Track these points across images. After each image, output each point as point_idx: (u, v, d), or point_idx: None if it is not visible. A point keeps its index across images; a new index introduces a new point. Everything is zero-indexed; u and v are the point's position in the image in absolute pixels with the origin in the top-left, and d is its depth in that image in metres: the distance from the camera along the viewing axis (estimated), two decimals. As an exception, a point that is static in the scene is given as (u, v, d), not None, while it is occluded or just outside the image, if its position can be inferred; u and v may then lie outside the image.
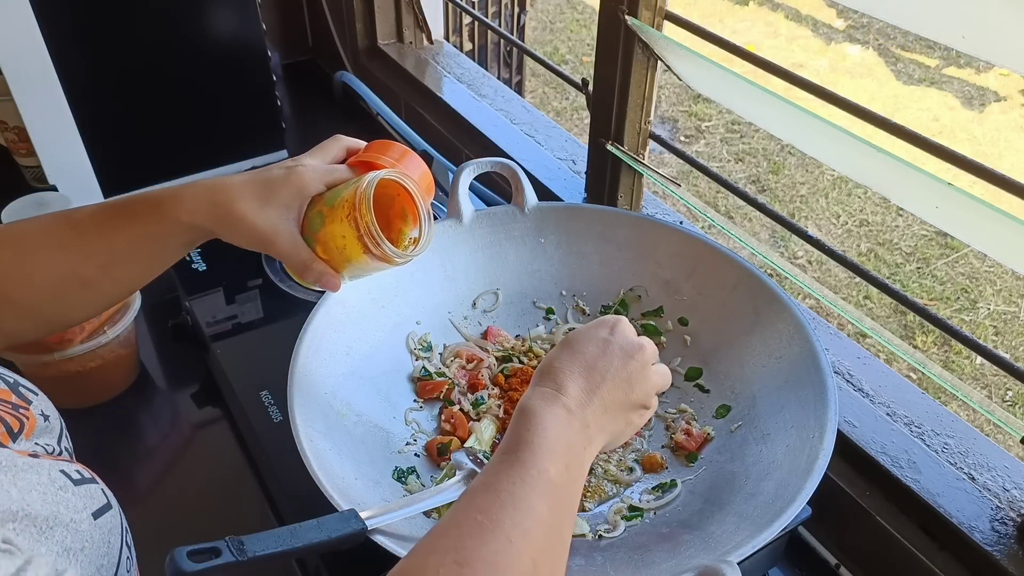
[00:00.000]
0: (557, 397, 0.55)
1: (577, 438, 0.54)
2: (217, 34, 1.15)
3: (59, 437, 0.57)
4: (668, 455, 0.76)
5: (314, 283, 0.64)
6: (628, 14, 0.89)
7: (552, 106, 3.36)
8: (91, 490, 0.51)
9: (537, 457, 0.50)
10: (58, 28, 1.03)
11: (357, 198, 0.60)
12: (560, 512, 0.50)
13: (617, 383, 0.58)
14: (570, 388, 0.56)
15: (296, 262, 0.63)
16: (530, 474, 0.49)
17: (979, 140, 3.07)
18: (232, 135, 1.24)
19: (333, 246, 0.62)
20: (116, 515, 0.53)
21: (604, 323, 0.61)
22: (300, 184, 0.62)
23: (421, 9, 1.40)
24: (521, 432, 0.52)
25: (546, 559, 0.48)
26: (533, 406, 0.54)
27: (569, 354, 0.58)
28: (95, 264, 0.62)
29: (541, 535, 0.48)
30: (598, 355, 0.58)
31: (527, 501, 0.48)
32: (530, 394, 0.56)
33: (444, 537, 0.46)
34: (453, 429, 0.78)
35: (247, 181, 0.62)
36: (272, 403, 0.82)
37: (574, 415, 0.55)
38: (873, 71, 3.49)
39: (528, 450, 0.51)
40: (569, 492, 0.52)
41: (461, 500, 0.49)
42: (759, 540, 0.58)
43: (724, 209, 2.74)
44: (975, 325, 2.34)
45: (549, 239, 0.89)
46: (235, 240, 0.62)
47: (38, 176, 1.16)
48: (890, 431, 0.76)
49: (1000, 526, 0.68)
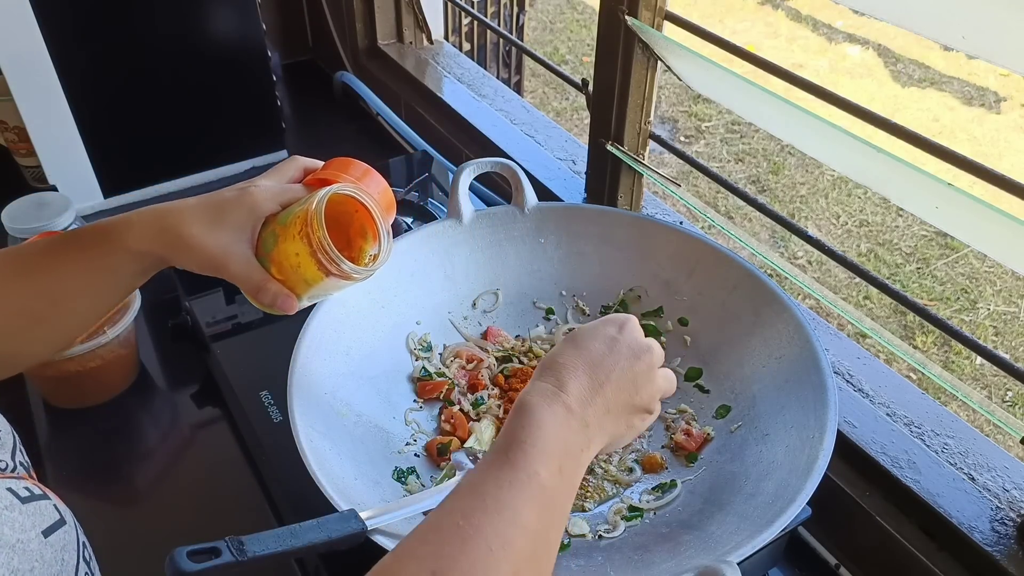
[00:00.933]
0: (557, 394, 0.53)
1: (575, 438, 0.52)
2: (217, 34, 1.15)
3: (12, 451, 0.54)
4: (668, 455, 0.76)
5: (270, 305, 0.61)
6: (628, 14, 0.89)
7: (552, 106, 3.36)
8: (41, 507, 0.49)
9: (529, 459, 0.48)
10: (58, 28, 1.03)
11: (309, 213, 0.58)
12: (548, 518, 0.49)
13: (622, 384, 0.56)
14: (572, 385, 0.54)
15: (250, 284, 0.60)
16: (519, 477, 0.47)
17: (979, 140, 3.07)
18: (232, 135, 1.24)
19: (287, 265, 0.60)
20: (71, 530, 0.51)
21: (613, 321, 0.59)
22: (252, 204, 0.60)
23: (421, 9, 1.40)
24: (515, 430, 0.50)
25: (529, 568, 0.46)
26: (531, 402, 0.52)
27: (574, 350, 0.56)
28: (46, 300, 0.59)
29: (525, 543, 0.46)
30: (604, 353, 0.56)
31: (512, 507, 0.46)
32: (529, 389, 0.54)
33: (424, 542, 0.45)
34: (453, 429, 0.78)
35: (197, 204, 0.60)
36: (272, 403, 0.82)
37: (574, 414, 0.53)
38: (873, 71, 3.49)
39: (520, 450, 0.49)
40: (561, 496, 0.50)
41: (447, 500, 0.48)
42: (759, 540, 0.58)
43: (724, 209, 2.74)
44: (975, 325, 2.34)
45: (549, 239, 0.89)
46: (188, 265, 0.60)
47: (38, 176, 1.16)
48: (890, 431, 0.76)
49: (1000, 526, 0.68)
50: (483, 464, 0.50)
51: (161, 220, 0.59)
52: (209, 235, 0.58)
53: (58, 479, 0.84)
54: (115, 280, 0.61)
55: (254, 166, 1.27)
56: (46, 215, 0.96)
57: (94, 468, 0.86)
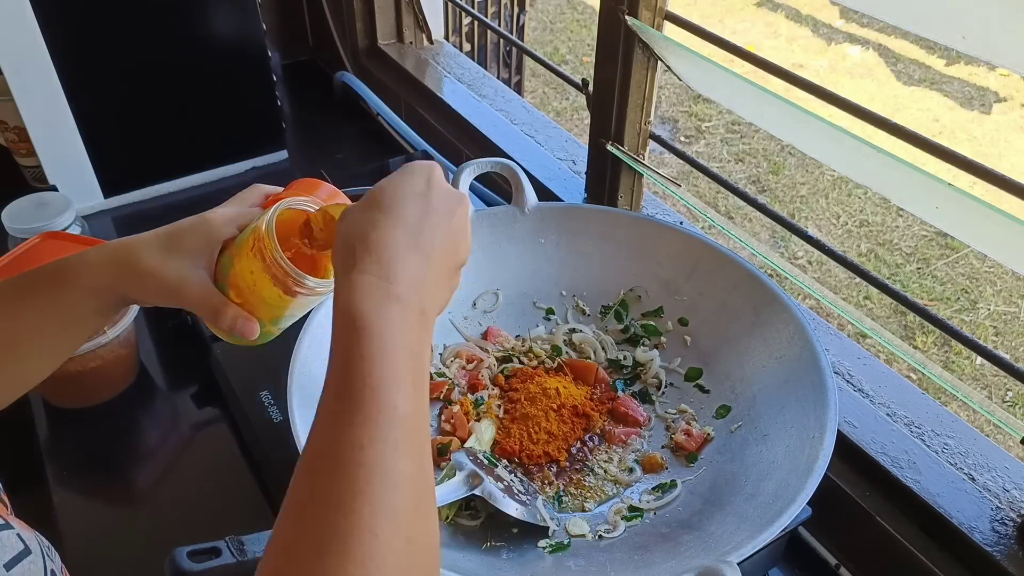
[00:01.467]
0: (387, 288, 0.44)
1: (419, 336, 0.45)
2: (217, 34, 1.15)
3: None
4: (668, 455, 0.76)
5: (229, 329, 0.57)
6: (628, 14, 0.89)
7: (552, 106, 3.36)
8: (4, 538, 0.46)
9: (381, 395, 0.40)
10: (58, 28, 1.03)
11: (260, 229, 0.55)
12: (420, 450, 0.41)
13: (446, 248, 0.49)
14: (399, 270, 0.45)
15: (207, 309, 0.57)
16: (379, 424, 0.39)
17: (979, 140, 3.07)
18: (232, 135, 1.24)
19: (244, 285, 0.57)
20: (37, 559, 0.48)
21: (417, 172, 0.50)
22: (208, 229, 0.58)
23: (421, 9, 1.40)
24: (353, 360, 0.42)
25: (419, 525, 0.39)
26: (361, 313, 0.43)
27: (387, 219, 0.47)
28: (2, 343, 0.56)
29: (410, 499, 0.39)
30: (422, 216, 0.48)
31: (384, 465, 0.39)
32: (349, 288, 0.44)
33: (292, 558, 0.37)
34: (453, 429, 0.78)
35: (152, 235, 0.58)
36: (272, 403, 0.82)
37: (409, 306, 0.44)
38: (873, 71, 3.49)
39: (368, 388, 0.40)
40: (423, 416, 0.42)
41: (301, 486, 0.39)
42: (759, 540, 0.58)
43: (724, 209, 2.74)
44: (975, 325, 2.34)
45: (549, 239, 0.89)
46: (146, 297, 0.57)
47: (38, 176, 1.16)
48: (890, 431, 0.76)
49: (1000, 526, 0.68)
50: (327, 422, 0.41)
51: (115, 254, 0.57)
52: (164, 263, 0.56)
53: (58, 479, 0.84)
54: (74, 319, 0.58)
55: (254, 166, 1.27)
56: (46, 215, 0.96)
57: (94, 468, 0.86)
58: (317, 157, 1.32)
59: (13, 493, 0.56)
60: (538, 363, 0.85)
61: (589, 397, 0.81)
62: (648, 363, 0.83)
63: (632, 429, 0.78)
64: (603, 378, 0.83)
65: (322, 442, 0.40)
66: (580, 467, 0.76)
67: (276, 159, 1.28)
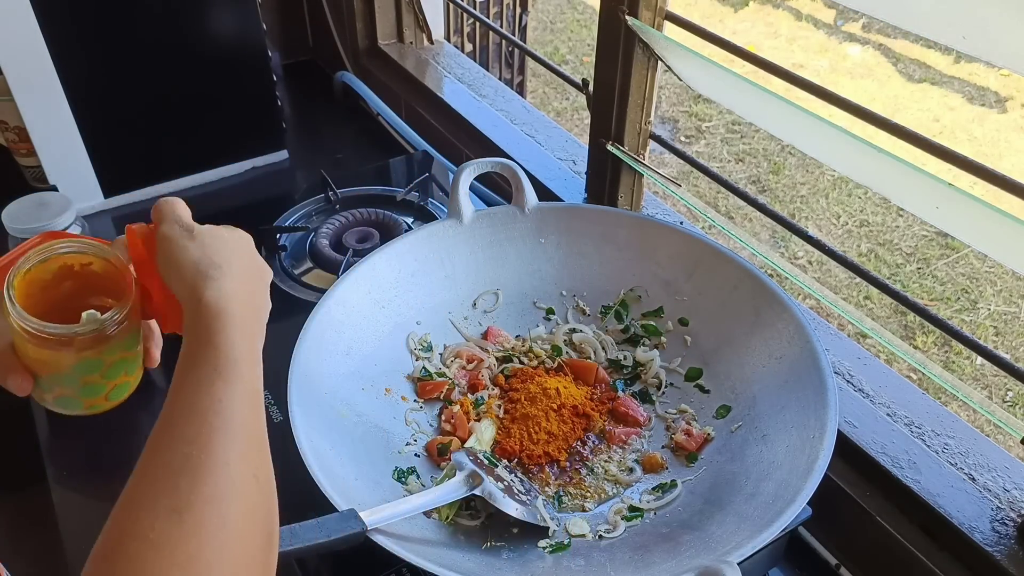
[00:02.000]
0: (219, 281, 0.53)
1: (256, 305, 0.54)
2: (217, 34, 1.15)
3: None
4: (668, 455, 0.76)
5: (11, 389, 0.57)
6: (628, 14, 0.89)
7: (552, 106, 3.36)
8: None
9: (230, 361, 0.48)
10: (58, 28, 1.03)
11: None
12: (258, 405, 0.49)
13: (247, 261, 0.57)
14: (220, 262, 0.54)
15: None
16: (230, 382, 0.47)
17: (979, 140, 3.07)
18: (232, 135, 1.24)
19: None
20: None
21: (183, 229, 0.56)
22: None
23: (421, 9, 1.40)
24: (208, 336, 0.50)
25: (263, 464, 0.46)
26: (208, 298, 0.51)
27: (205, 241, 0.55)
28: None
29: (254, 442, 0.46)
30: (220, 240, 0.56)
31: (233, 415, 0.45)
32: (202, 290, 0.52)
33: (152, 483, 0.42)
34: (453, 429, 0.78)
35: None
36: (272, 403, 0.82)
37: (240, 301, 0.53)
38: (873, 71, 3.48)
39: (223, 357, 0.48)
40: (257, 376, 0.50)
41: (160, 434, 0.45)
42: (759, 540, 0.58)
43: (724, 209, 2.74)
44: (975, 325, 2.34)
45: (549, 239, 0.89)
46: None
47: (38, 176, 1.16)
48: (890, 431, 0.76)
49: (1000, 526, 0.67)
50: (186, 382, 0.48)
51: None
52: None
53: (58, 479, 0.84)
54: None
55: (254, 166, 1.27)
56: (46, 215, 0.96)
57: (94, 468, 0.86)
58: (317, 157, 1.32)
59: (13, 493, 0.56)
60: (538, 363, 0.85)
61: (589, 397, 0.81)
62: (648, 363, 0.83)
63: (632, 429, 0.78)
64: (603, 378, 0.83)
65: (181, 397, 0.47)
66: (580, 467, 0.76)
67: (276, 159, 1.28)
